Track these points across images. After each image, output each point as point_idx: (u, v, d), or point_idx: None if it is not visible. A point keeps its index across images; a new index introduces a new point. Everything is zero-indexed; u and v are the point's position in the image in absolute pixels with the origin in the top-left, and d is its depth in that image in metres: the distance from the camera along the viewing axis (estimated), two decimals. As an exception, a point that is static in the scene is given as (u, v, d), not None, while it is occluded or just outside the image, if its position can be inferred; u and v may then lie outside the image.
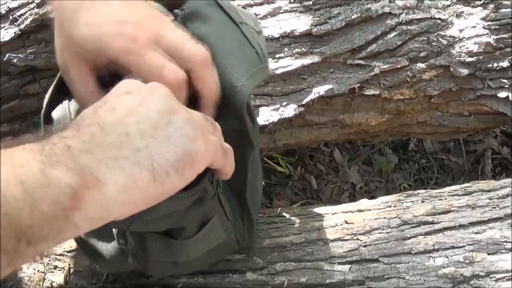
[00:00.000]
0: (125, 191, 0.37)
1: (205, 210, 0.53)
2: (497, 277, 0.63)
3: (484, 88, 0.84)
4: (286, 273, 0.67)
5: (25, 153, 0.34)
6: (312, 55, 0.80)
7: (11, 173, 0.32)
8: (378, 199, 0.76)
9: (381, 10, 0.80)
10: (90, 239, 0.59)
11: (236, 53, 0.52)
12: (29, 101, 0.86)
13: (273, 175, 1.18)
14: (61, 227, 0.34)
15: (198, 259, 0.56)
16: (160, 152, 0.39)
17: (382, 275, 0.65)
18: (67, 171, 0.34)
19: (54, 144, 0.36)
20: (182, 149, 0.40)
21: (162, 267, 0.58)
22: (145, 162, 0.38)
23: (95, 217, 0.36)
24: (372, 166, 1.23)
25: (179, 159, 0.40)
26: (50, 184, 0.33)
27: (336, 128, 0.89)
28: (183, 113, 0.42)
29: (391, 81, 0.82)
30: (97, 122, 0.38)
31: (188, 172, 0.41)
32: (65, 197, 0.33)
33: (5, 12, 0.79)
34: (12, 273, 0.76)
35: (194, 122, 0.42)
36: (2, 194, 0.31)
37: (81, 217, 0.35)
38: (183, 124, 0.41)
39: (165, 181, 0.39)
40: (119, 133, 0.38)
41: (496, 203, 0.69)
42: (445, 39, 0.81)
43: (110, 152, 0.37)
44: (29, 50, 0.80)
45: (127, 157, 0.37)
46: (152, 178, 0.38)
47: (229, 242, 0.61)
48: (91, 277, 0.73)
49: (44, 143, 0.36)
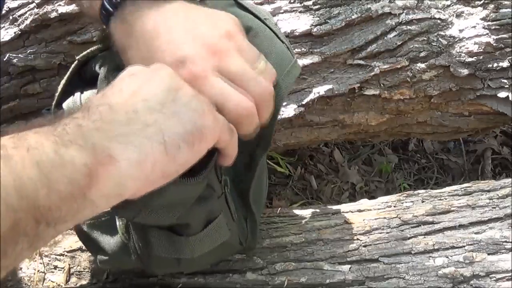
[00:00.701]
0: (138, 166, 0.37)
1: (211, 208, 0.54)
2: (497, 277, 0.63)
3: (484, 88, 0.84)
4: (286, 273, 0.67)
5: (38, 136, 0.35)
6: (312, 55, 0.80)
7: (26, 156, 0.32)
8: (378, 199, 0.76)
9: (381, 10, 0.80)
10: (93, 232, 0.59)
11: (270, 50, 0.52)
12: (29, 101, 0.86)
13: (273, 175, 1.18)
14: (79, 206, 0.35)
15: (201, 257, 0.56)
16: (169, 126, 0.39)
17: (382, 275, 0.65)
18: (80, 150, 0.35)
19: (66, 124, 0.36)
20: (191, 123, 0.41)
21: (165, 264, 0.58)
22: (155, 136, 0.39)
23: (110, 193, 0.37)
24: (372, 166, 1.23)
25: (189, 132, 0.40)
26: (65, 164, 0.34)
27: (336, 128, 0.89)
28: (189, 89, 0.43)
29: (391, 81, 0.82)
30: (105, 103, 0.39)
31: (198, 146, 0.41)
32: (81, 175, 0.34)
33: (5, 12, 0.79)
34: (12, 273, 0.76)
35: (200, 98, 0.43)
36: (18, 177, 0.31)
37: (97, 194, 0.35)
38: (190, 99, 0.42)
39: (177, 154, 0.40)
40: (127, 111, 0.39)
41: (496, 203, 0.69)
42: (445, 39, 0.81)
43: (121, 129, 0.38)
44: (29, 50, 0.80)
45: (137, 132, 0.38)
46: (164, 151, 0.39)
47: (232, 242, 0.61)
48: (91, 277, 0.73)
49: (56, 125, 0.36)
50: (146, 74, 0.43)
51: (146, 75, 0.42)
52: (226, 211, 0.57)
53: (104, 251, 0.59)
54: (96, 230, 0.59)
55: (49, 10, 0.81)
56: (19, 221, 0.31)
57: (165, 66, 0.44)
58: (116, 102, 0.39)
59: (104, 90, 0.41)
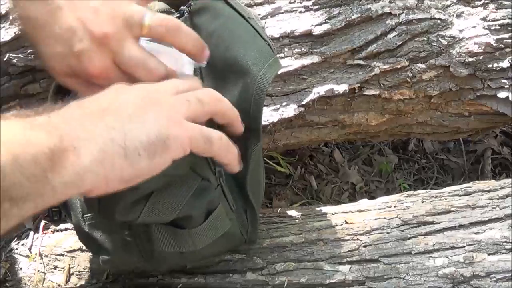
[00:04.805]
0: (98, 162, 0.40)
1: (210, 199, 0.55)
2: (497, 277, 0.63)
3: (484, 88, 0.84)
4: (286, 273, 0.67)
5: (9, 121, 0.37)
6: (312, 55, 0.80)
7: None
8: (378, 199, 0.76)
9: (381, 10, 0.80)
10: (94, 231, 0.59)
11: (251, 45, 0.55)
12: (29, 101, 0.86)
13: (273, 175, 1.18)
14: (40, 188, 0.36)
15: (204, 249, 0.57)
16: (133, 133, 0.42)
17: (382, 275, 0.65)
18: (47, 135, 0.37)
19: (38, 115, 0.40)
20: (155, 132, 0.42)
21: (168, 258, 0.59)
22: (118, 140, 0.41)
23: (69, 182, 0.38)
24: (372, 166, 1.23)
25: (151, 142, 0.42)
26: (30, 143, 0.36)
27: (336, 128, 0.89)
28: (163, 102, 0.45)
29: (391, 81, 0.82)
30: (79, 106, 0.42)
31: (160, 157, 0.43)
32: (44, 157, 0.36)
33: (5, 12, 0.79)
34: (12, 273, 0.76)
35: (172, 110, 0.45)
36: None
37: (58, 179, 0.37)
38: (160, 111, 0.44)
39: (136, 161, 0.41)
40: (97, 115, 0.42)
41: (496, 203, 0.69)
42: (445, 39, 0.81)
43: (87, 127, 0.40)
44: (29, 50, 0.80)
45: (102, 133, 0.40)
46: (124, 154, 0.41)
47: (233, 232, 0.62)
48: (91, 277, 0.73)
49: (30, 114, 0.40)
50: (126, 88, 0.45)
51: (126, 89, 0.45)
52: (224, 202, 0.58)
53: (106, 251, 0.60)
54: (97, 230, 0.59)
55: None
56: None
57: (146, 84, 0.47)
58: (89, 108, 0.42)
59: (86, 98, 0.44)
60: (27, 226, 0.86)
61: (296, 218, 0.74)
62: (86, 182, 0.39)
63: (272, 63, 0.55)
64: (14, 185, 0.35)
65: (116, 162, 0.40)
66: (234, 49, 0.54)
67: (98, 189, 0.41)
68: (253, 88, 0.53)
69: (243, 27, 0.56)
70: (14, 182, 0.34)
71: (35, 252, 0.77)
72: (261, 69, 0.53)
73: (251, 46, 0.55)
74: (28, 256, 0.78)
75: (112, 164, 0.40)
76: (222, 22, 0.55)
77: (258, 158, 0.61)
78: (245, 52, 0.54)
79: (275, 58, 0.56)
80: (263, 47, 0.56)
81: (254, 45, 0.55)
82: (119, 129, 0.41)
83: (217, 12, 0.56)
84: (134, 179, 0.43)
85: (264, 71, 0.53)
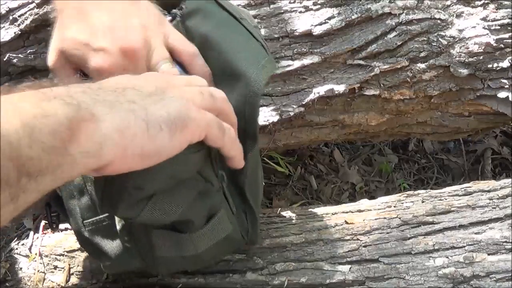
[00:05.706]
0: (120, 132, 0.38)
1: (211, 203, 0.55)
2: (497, 277, 0.63)
3: (484, 88, 0.84)
4: (286, 273, 0.67)
5: (24, 93, 0.36)
6: (312, 55, 0.80)
7: (10, 108, 0.33)
8: (378, 199, 0.76)
9: (381, 10, 0.80)
10: (95, 237, 0.59)
11: (244, 47, 0.55)
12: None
13: (273, 175, 1.18)
14: (59, 160, 0.35)
15: (205, 253, 0.57)
16: (154, 108, 0.41)
17: (382, 275, 0.65)
18: (64, 104, 0.36)
19: (54, 86, 0.38)
20: (175, 110, 0.42)
21: (169, 262, 0.58)
22: (139, 112, 0.40)
23: (90, 151, 0.37)
24: (372, 166, 1.23)
25: (172, 118, 0.42)
26: (48, 115, 0.34)
27: (336, 128, 0.89)
28: (179, 88, 0.45)
29: (391, 81, 0.82)
30: (96, 82, 0.41)
31: (180, 135, 0.42)
32: (63, 127, 0.35)
33: (5, 12, 0.79)
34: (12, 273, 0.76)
35: (189, 96, 0.45)
36: (2, 127, 0.32)
37: (77, 149, 0.36)
38: (178, 95, 0.44)
39: (157, 135, 0.41)
40: (116, 89, 0.41)
41: (496, 203, 0.69)
42: (445, 39, 0.81)
43: (107, 97, 0.39)
44: (29, 50, 0.80)
45: (123, 105, 0.39)
46: (145, 127, 0.40)
47: (234, 235, 0.61)
48: (91, 277, 0.73)
49: (45, 85, 0.38)
50: (138, 75, 0.46)
51: (139, 76, 0.45)
52: (225, 205, 0.57)
53: (107, 256, 0.60)
54: (98, 235, 0.59)
55: (49, 10, 0.81)
56: (3, 168, 0.31)
57: (154, 72, 0.47)
58: (106, 84, 0.42)
59: None
60: (27, 226, 0.86)
61: (296, 218, 0.74)
62: (106, 152, 0.38)
63: (265, 63, 0.54)
64: (32, 160, 0.33)
65: (138, 134, 0.39)
66: (226, 53, 0.54)
67: (117, 163, 0.40)
68: (247, 92, 0.53)
69: (235, 29, 0.56)
70: (31, 156, 0.33)
71: (35, 252, 0.77)
72: (254, 72, 0.53)
73: (243, 48, 0.54)
74: (28, 256, 0.78)
75: (133, 135, 0.39)
76: (214, 24, 0.55)
77: (256, 161, 0.61)
78: (238, 54, 0.54)
79: (269, 58, 0.55)
80: (256, 48, 0.55)
81: (246, 46, 0.55)
82: (140, 103, 0.40)
83: (209, 14, 0.56)
84: (153, 157, 0.42)
85: (257, 73, 0.53)
